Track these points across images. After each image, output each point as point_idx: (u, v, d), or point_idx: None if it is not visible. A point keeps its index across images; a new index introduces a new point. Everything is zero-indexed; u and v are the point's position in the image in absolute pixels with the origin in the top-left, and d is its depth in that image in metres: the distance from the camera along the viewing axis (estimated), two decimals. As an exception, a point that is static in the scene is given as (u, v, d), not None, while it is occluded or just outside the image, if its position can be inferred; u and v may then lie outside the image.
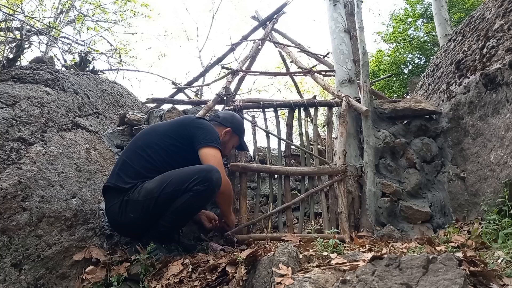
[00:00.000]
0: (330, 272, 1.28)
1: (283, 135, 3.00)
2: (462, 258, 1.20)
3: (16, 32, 4.72)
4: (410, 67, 9.38)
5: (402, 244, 2.03)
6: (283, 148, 2.97)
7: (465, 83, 2.59)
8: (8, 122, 2.36)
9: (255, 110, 3.26)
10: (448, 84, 2.91)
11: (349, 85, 3.33)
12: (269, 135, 3.00)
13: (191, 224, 2.96)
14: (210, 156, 2.14)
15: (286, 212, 2.67)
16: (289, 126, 3.03)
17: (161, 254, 1.97)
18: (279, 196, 2.75)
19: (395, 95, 8.76)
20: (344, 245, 2.11)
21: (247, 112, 3.18)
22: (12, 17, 4.62)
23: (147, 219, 2.06)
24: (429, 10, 9.38)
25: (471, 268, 1.15)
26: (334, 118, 3.15)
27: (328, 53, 4.48)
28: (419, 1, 10.05)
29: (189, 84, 4.37)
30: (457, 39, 3.12)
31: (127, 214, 2.06)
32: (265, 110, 3.11)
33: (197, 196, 1.97)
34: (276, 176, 2.81)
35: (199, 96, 6.61)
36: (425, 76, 3.70)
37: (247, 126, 3.01)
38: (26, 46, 4.42)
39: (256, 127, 3.01)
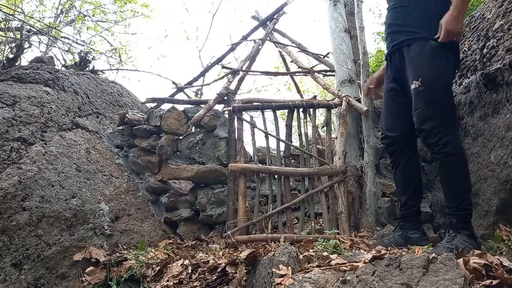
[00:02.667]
0: (330, 272, 1.27)
1: (283, 136, 2.99)
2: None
3: (16, 32, 4.72)
4: (410, 67, 9.36)
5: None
6: (282, 148, 2.97)
7: (465, 83, 2.58)
8: (8, 122, 2.36)
9: (254, 110, 3.24)
10: (448, 84, 2.91)
11: (349, 85, 3.33)
12: (268, 135, 2.99)
13: (191, 224, 2.96)
14: None
15: (286, 213, 2.66)
16: (288, 127, 3.03)
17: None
18: (278, 196, 2.74)
19: (395, 95, 8.74)
20: (344, 246, 2.10)
21: (246, 112, 3.17)
22: (12, 17, 4.62)
23: None
24: (429, 10, 9.35)
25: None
26: (334, 118, 3.14)
27: (328, 53, 4.47)
28: (419, 1, 10.03)
29: (189, 84, 4.36)
30: (457, 39, 3.11)
31: None
32: (264, 111, 3.09)
33: None
34: (276, 176, 2.80)
35: (199, 96, 6.60)
36: (425, 76, 3.69)
37: (246, 127, 3.01)
38: (26, 46, 4.42)
39: (255, 128, 3.00)
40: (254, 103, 3.17)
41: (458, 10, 1.81)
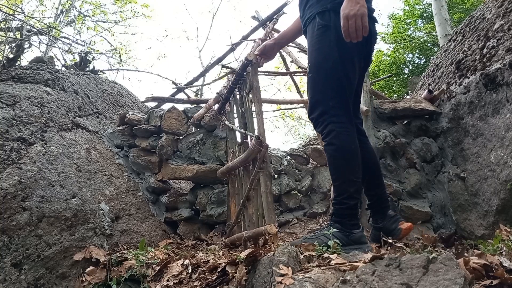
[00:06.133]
0: (330, 272, 1.27)
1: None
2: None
3: (16, 32, 4.72)
4: (410, 67, 9.40)
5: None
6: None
7: (465, 83, 2.58)
8: (8, 122, 2.36)
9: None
10: (448, 84, 2.91)
11: (349, 85, 3.33)
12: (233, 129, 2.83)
13: (191, 224, 2.97)
14: None
15: (248, 206, 2.32)
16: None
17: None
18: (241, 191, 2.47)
19: (395, 95, 8.77)
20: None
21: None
22: (12, 17, 4.62)
23: None
24: (428, 11, 9.40)
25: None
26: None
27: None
28: (418, 2, 10.06)
29: (189, 84, 4.36)
30: (457, 39, 3.12)
31: None
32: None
33: None
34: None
35: (199, 95, 6.61)
36: (425, 76, 3.70)
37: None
38: (26, 46, 4.42)
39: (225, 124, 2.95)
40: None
41: None
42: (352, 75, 1.76)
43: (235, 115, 2.81)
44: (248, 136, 2.39)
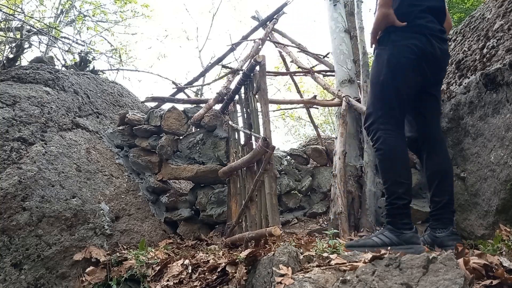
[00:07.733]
0: (330, 272, 1.27)
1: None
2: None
3: (16, 32, 4.71)
4: (410, 67, 9.35)
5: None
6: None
7: (465, 83, 2.58)
8: (8, 122, 2.36)
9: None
10: (448, 84, 2.91)
11: (349, 85, 3.33)
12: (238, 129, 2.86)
13: (191, 224, 2.97)
14: None
15: (250, 207, 2.36)
16: None
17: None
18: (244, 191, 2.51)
19: (395, 95, 8.73)
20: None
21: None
22: (12, 17, 4.62)
23: None
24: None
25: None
26: (333, 118, 3.11)
27: (328, 53, 4.47)
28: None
29: (189, 84, 4.36)
30: (457, 39, 3.11)
31: None
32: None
33: None
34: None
35: (199, 96, 6.60)
36: (425, 76, 3.69)
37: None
38: (26, 46, 4.42)
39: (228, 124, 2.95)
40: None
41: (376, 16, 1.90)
42: (405, 88, 1.95)
43: (239, 115, 2.82)
44: (253, 137, 2.40)
